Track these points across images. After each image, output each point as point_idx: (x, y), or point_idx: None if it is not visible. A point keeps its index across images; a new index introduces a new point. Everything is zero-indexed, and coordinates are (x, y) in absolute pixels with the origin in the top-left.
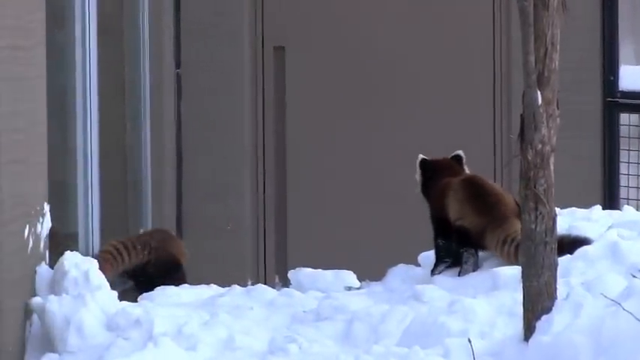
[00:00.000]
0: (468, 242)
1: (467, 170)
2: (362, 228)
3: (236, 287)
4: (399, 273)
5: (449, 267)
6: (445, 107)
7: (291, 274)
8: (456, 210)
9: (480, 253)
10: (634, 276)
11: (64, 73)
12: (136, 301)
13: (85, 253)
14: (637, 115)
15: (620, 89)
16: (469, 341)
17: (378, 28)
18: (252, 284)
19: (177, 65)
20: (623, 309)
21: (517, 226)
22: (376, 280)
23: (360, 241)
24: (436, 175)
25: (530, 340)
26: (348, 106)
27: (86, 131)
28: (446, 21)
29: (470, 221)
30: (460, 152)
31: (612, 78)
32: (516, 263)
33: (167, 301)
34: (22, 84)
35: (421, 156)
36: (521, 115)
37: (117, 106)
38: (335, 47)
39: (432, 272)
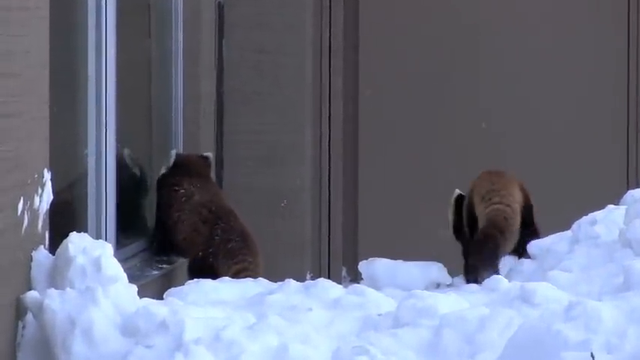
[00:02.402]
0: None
1: None
2: None
3: (291, 282)
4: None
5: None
6: (562, 62)
7: (362, 265)
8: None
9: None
10: None
11: (73, 3)
12: (161, 298)
13: (96, 237)
14: None
15: None
16: (592, 356)
17: None
18: (312, 278)
19: None
20: None
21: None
22: None
23: None
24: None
25: None
26: (435, 52)
27: (100, 76)
28: None
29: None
30: None
31: None
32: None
33: (202, 299)
34: (16, 15)
35: (457, 191)
36: None
37: (140, 44)
38: None
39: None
